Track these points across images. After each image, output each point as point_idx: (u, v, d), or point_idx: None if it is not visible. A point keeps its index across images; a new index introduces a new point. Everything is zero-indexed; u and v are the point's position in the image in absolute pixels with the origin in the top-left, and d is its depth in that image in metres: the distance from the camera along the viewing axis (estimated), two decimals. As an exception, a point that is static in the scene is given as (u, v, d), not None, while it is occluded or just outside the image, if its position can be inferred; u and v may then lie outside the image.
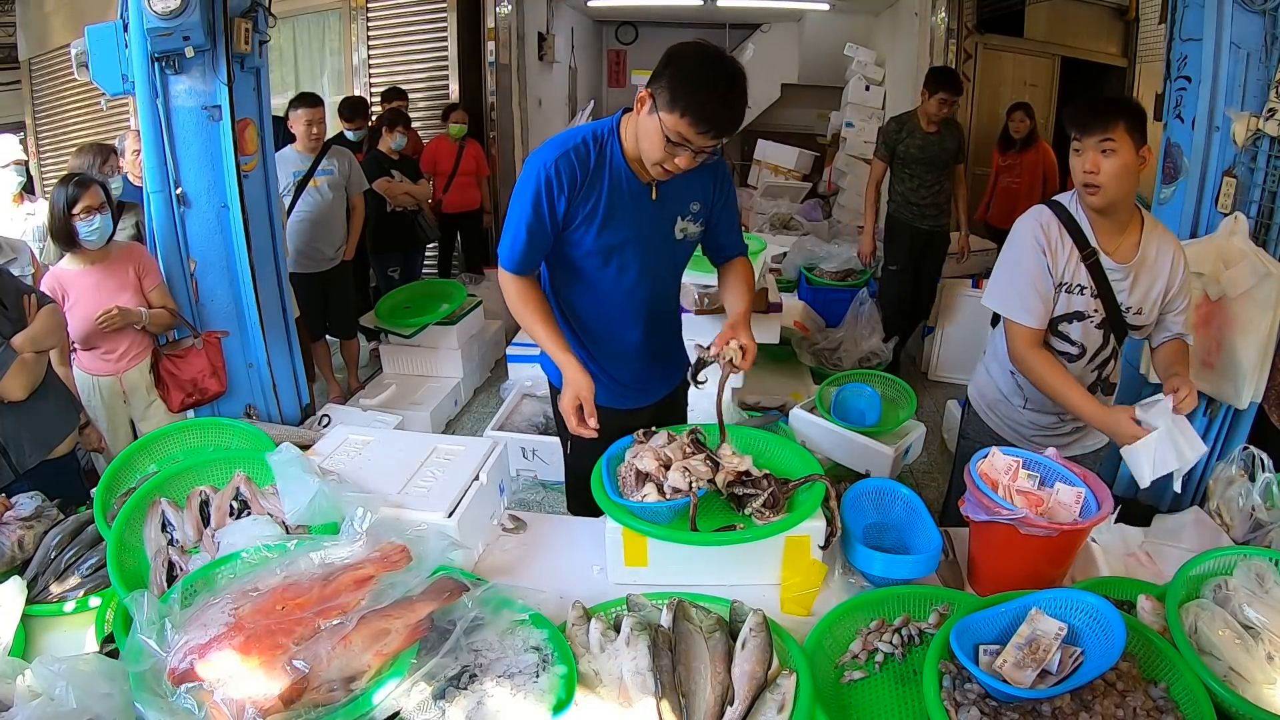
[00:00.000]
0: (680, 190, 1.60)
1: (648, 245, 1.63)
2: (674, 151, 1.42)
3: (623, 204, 1.56)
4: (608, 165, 1.53)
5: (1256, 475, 1.65)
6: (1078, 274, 1.65)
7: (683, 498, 1.40)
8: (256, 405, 2.52)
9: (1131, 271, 1.64)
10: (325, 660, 1.02)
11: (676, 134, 1.38)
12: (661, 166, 1.46)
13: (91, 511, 1.60)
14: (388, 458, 1.68)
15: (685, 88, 1.36)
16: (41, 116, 6.13)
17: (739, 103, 1.39)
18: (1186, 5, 2.08)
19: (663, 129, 1.39)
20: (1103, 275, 1.64)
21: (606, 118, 1.59)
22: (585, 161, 1.52)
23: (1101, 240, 1.64)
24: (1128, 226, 1.64)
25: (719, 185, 1.66)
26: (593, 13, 7.91)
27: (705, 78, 1.37)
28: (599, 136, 1.54)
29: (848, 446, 2.29)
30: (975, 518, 1.36)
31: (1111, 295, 1.65)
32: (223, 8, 2.11)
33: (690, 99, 1.36)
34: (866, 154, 6.79)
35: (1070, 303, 1.67)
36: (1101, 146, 1.53)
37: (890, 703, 1.19)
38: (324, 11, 5.64)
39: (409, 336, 3.91)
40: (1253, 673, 1.13)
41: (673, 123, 1.38)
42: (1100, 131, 1.52)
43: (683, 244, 1.68)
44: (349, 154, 3.85)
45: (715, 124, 1.38)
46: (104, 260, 2.39)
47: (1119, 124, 1.51)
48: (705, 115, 1.36)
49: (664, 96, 1.38)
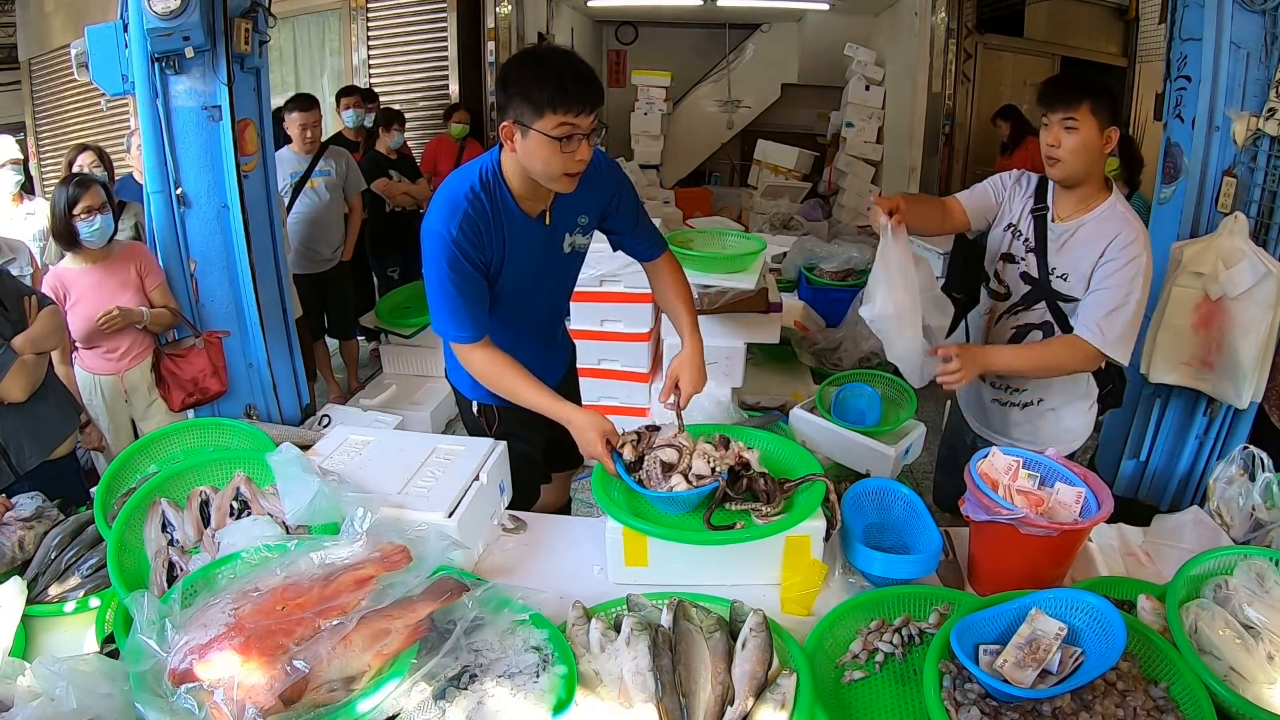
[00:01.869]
0: (567, 212, 1.62)
1: (544, 269, 1.66)
2: (569, 148, 1.40)
3: (519, 239, 1.57)
4: (501, 209, 1.53)
5: (1256, 475, 1.64)
6: (1023, 220, 1.77)
7: (710, 483, 1.43)
8: (256, 405, 2.52)
9: (1066, 234, 1.71)
10: (325, 660, 1.02)
11: (559, 128, 1.38)
12: (566, 175, 1.45)
13: (91, 512, 1.60)
14: (388, 458, 1.68)
15: (537, 86, 1.37)
16: (41, 116, 6.13)
17: (586, 70, 1.41)
18: (1186, 5, 2.08)
19: (545, 136, 1.39)
20: (1044, 232, 1.73)
21: (481, 157, 1.57)
22: (483, 213, 1.51)
23: (1058, 206, 1.74)
24: (1089, 203, 1.70)
25: (605, 192, 1.66)
26: (593, 13, 7.90)
27: (545, 70, 1.39)
28: (486, 183, 1.52)
29: (848, 446, 2.29)
30: (975, 518, 1.36)
31: (1045, 252, 1.73)
32: (223, 8, 2.10)
33: (548, 91, 1.37)
34: (867, 154, 6.81)
35: (1009, 243, 1.79)
36: (1065, 123, 1.61)
37: (890, 703, 1.19)
38: (324, 11, 5.64)
39: (409, 336, 3.91)
40: (1253, 672, 1.13)
41: (550, 123, 1.38)
42: (1064, 109, 1.60)
43: (572, 255, 1.71)
44: (346, 154, 3.85)
45: (582, 98, 1.38)
46: (106, 259, 2.39)
47: (1083, 103, 1.58)
48: (569, 96, 1.37)
49: (526, 110, 1.39)
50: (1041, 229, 1.74)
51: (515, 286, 1.63)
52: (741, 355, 2.89)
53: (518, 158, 1.47)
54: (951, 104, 5.75)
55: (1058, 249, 1.72)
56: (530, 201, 1.56)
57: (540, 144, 1.40)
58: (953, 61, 5.60)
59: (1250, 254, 1.89)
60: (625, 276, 2.94)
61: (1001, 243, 1.81)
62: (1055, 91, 1.63)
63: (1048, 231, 1.74)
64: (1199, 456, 2.16)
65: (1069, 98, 1.60)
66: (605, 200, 1.67)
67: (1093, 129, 1.60)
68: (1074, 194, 1.71)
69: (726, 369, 2.88)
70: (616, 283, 3.00)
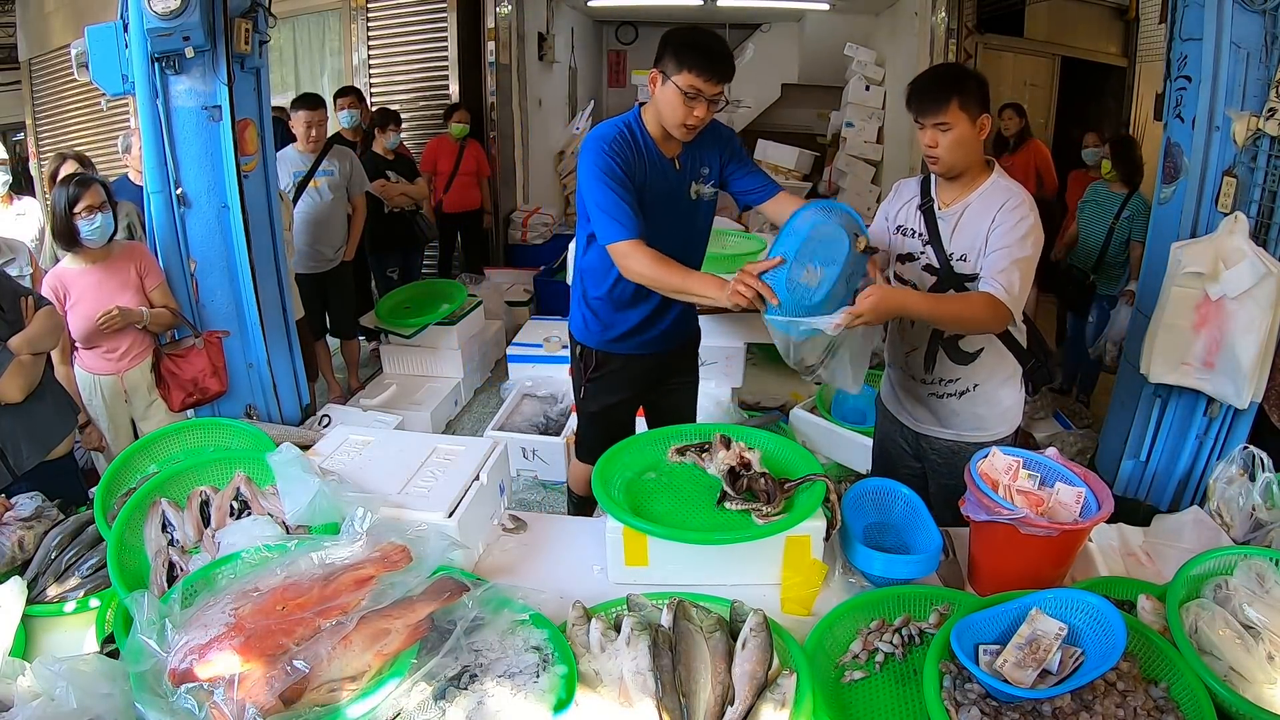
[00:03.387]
0: (694, 160, 1.89)
1: (674, 209, 1.89)
2: (691, 105, 1.71)
3: (655, 175, 1.83)
4: (643, 148, 1.82)
5: (1256, 475, 1.64)
6: (911, 218, 1.83)
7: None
8: (257, 405, 2.52)
9: (954, 216, 1.75)
10: (325, 660, 1.02)
11: (690, 87, 1.69)
12: (685, 125, 1.74)
13: (91, 512, 1.60)
14: (388, 458, 1.68)
15: (685, 49, 1.69)
16: (41, 117, 6.13)
17: (727, 51, 1.73)
18: (1186, 5, 2.08)
19: (678, 89, 1.69)
20: (934, 222, 1.78)
21: (618, 116, 1.85)
22: (631, 143, 1.80)
23: (942, 195, 1.79)
24: (973, 185, 1.75)
25: (725, 149, 1.94)
26: (593, 13, 7.90)
27: (698, 39, 1.72)
28: (630, 127, 1.82)
29: (848, 446, 2.30)
30: (975, 518, 1.36)
31: (940, 240, 1.77)
32: (223, 8, 2.10)
33: (692, 56, 1.68)
34: (866, 154, 6.80)
35: (904, 244, 1.85)
36: (938, 126, 1.66)
37: (890, 703, 1.19)
38: (324, 11, 5.64)
39: (409, 336, 3.91)
40: (1253, 672, 1.13)
41: (685, 80, 1.68)
42: (934, 115, 1.66)
43: (698, 203, 1.94)
44: (350, 154, 3.85)
45: (715, 69, 1.69)
46: (105, 259, 2.39)
47: (950, 103, 1.64)
48: (706, 63, 1.69)
49: (671, 65, 1.70)
50: (931, 220, 1.78)
51: (653, 221, 1.81)
52: (741, 355, 2.89)
53: (654, 102, 1.77)
54: (952, 104, 5.75)
55: (951, 233, 1.76)
56: (664, 144, 1.84)
57: (672, 94, 1.71)
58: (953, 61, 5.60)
59: (1250, 254, 1.89)
60: (625, 276, 2.94)
61: (895, 246, 1.87)
62: (922, 98, 1.67)
63: (937, 221, 1.77)
64: (1199, 456, 2.16)
65: (937, 101, 1.64)
66: (722, 149, 1.93)
67: (964, 124, 1.65)
68: (957, 182, 1.75)
69: (726, 369, 2.89)
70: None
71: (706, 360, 2.86)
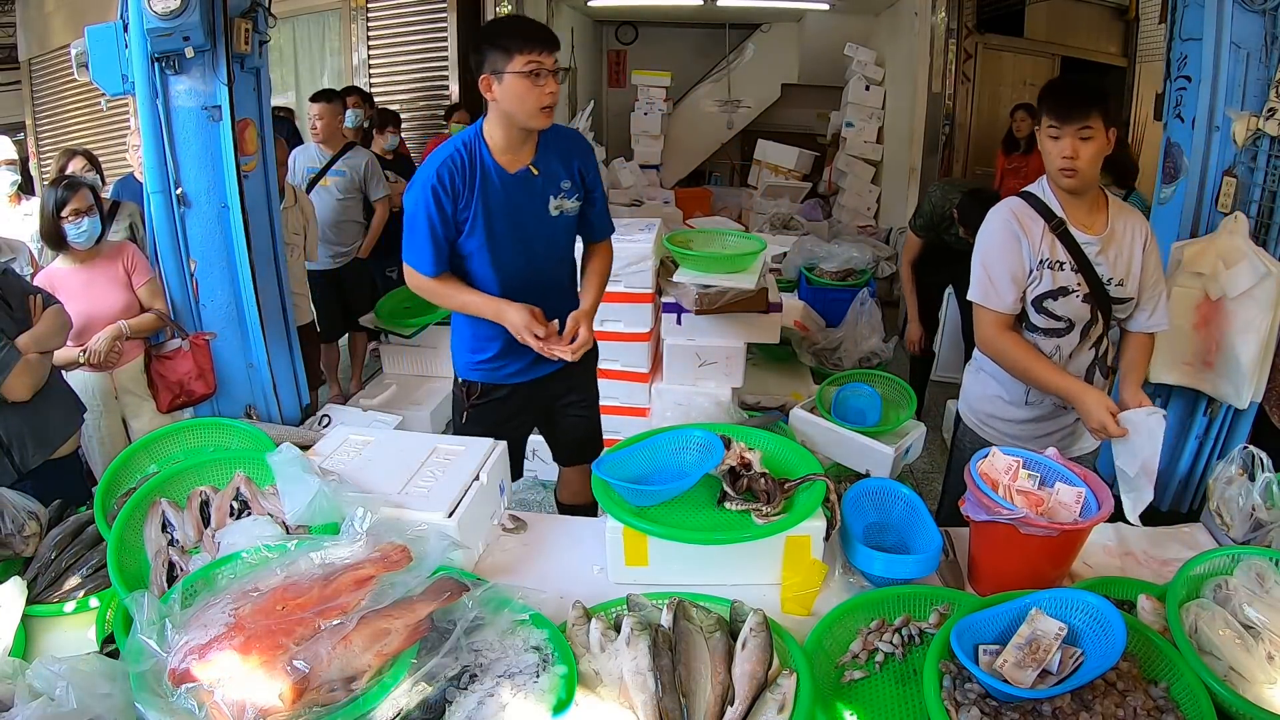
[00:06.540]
0: (552, 172, 1.82)
1: (527, 224, 1.82)
2: (540, 84, 1.66)
3: (496, 196, 1.77)
4: (479, 165, 1.75)
5: (1256, 475, 1.64)
6: (1055, 249, 1.71)
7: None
8: (256, 405, 2.52)
9: (1103, 242, 1.71)
10: (325, 660, 1.02)
11: (529, 65, 1.64)
12: (542, 108, 1.68)
13: (92, 512, 1.60)
14: (388, 458, 1.68)
15: (505, 37, 1.66)
16: (41, 117, 6.13)
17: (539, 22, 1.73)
18: (1186, 5, 2.08)
19: (519, 75, 1.64)
20: (1077, 248, 1.70)
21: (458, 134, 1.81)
22: (461, 167, 1.74)
23: (1071, 217, 1.71)
24: (1095, 206, 1.73)
25: (579, 155, 1.87)
26: (593, 13, 7.90)
27: (509, 23, 1.74)
28: (468, 143, 1.76)
29: (848, 446, 2.29)
30: (975, 518, 1.36)
31: (1090, 267, 1.71)
32: (223, 8, 2.10)
33: (515, 38, 1.65)
34: (866, 154, 6.80)
35: (1055, 279, 1.72)
36: (1081, 133, 1.60)
37: (890, 703, 1.19)
38: (324, 11, 5.64)
39: (409, 336, 3.90)
40: (1253, 672, 1.13)
41: (521, 62, 1.64)
42: (1080, 120, 1.59)
43: (560, 219, 1.86)
44: (369, 156, 3.86)
45: (543, 38, 1.67)
46: (94, 259, 2.41)
47: (1095, 112, 1.58)
48: (533, 37, 1.66)
49: (499, 58, 1.65)
50: (1074, 245, 1.69)
51: (503, 238, 1.79)
52: (741, 355, 2.89)
53: (498, 106, 1.70)
54: (951, 104, 5.74)
55: (1106, 262, 1.70)
56: (508, 156, 1.77)
57: (515, 83, 1.65)
58: (953, 61, 5.59)
59: (1250, 254, 1.89)
60: (625, 276, 2.93)
61: (1046, 284, 1.71)
62: (1067, 102, 1.60)
63: (1081, 248, 1.69)
64: (1199, 456, 2.16)
65: (1083, 107, 1.57)
66: (580, 162, 1.87)
67: (1103, 134, 1.60)
68: (1082, 201, 1.69)
69: (726, 369, 2.88)
70: (617, 283, 2.99)
71: (706, 360, 2.86)
